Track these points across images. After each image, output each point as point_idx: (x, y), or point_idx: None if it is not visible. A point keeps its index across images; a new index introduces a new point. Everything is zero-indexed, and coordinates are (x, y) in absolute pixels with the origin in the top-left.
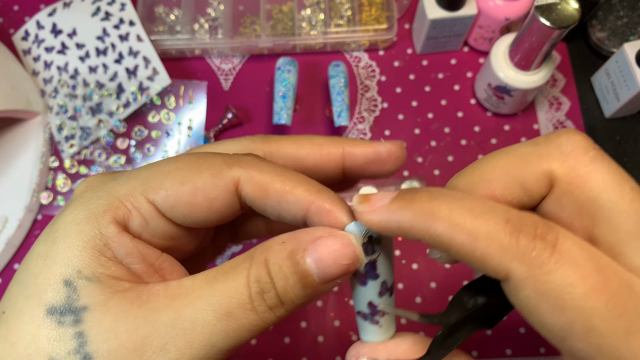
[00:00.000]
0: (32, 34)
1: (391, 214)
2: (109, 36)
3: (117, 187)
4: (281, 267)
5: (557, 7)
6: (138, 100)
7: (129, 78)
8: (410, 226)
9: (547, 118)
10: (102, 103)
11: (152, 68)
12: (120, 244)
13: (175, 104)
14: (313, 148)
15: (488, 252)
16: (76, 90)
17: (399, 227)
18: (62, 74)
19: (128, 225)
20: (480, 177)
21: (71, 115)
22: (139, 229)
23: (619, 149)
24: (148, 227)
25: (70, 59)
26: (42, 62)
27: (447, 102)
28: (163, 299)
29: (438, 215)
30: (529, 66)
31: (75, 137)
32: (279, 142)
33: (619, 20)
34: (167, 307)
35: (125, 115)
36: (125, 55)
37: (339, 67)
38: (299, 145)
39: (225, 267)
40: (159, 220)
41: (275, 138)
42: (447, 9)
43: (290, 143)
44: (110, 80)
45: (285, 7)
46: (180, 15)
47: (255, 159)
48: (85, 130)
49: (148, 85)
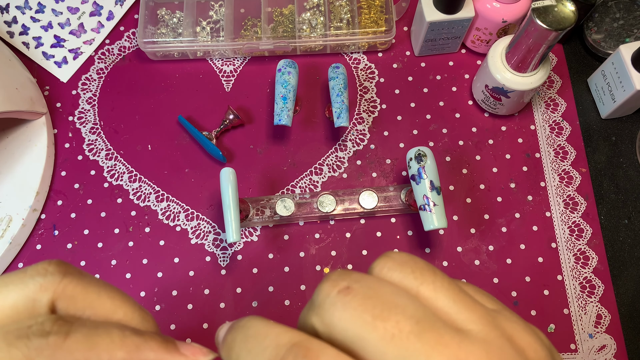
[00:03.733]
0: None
1: (220, 354)
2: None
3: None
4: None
5: (553, 10)
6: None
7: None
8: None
9: (543, 119)
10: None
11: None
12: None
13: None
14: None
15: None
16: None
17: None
18: None
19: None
20: None
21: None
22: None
23: (615, 150)
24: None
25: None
26: None
27: (444, 103)
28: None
29: (231, 358)
30: (525, 68)
31: None
32: (85, 293)
33: (615, 22)
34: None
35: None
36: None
37: (339, 68)
38: (103, 307)
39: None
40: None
41: (79, 286)
42: (444, 11)
43: (96, 297)
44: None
45: (286, 10)
46: (182, 18)
47: (60, 338)
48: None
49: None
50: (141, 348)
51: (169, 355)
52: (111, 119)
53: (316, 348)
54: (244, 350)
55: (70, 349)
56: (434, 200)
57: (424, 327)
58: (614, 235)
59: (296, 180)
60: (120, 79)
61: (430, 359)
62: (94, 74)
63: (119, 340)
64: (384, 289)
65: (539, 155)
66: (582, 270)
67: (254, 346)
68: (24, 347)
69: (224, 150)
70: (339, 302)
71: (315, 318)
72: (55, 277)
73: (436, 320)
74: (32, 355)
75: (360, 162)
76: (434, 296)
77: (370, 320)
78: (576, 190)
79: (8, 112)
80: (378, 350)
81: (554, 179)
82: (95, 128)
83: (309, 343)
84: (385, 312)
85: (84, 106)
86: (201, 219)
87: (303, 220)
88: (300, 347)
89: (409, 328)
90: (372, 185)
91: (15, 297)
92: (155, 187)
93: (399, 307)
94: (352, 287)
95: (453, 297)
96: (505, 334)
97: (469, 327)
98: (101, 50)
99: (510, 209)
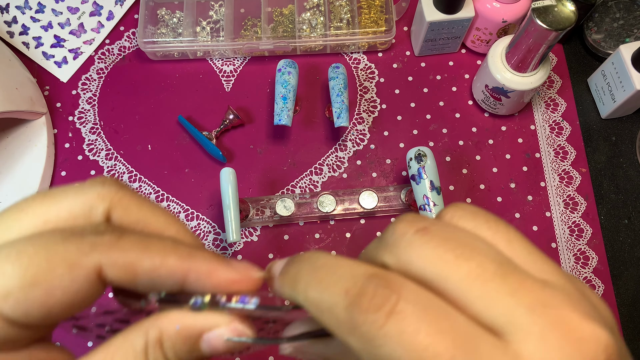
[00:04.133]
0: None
1: (277, 288)
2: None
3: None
4: (176, 352)
5: (553, 9)
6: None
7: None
8: (285, 297)
9: (543, 119)
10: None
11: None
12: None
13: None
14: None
15: (329, 324)
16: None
17: (284, 296)
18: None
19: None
20: None
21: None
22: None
23: (615, 150)
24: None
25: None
26: None
27: (444, 103)
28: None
29: (297, 287)
30: (525, 68)
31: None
32: (139, 206)
33: (615, 22)
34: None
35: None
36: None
37: (339, 68)
38: (156, 221)
39: (120, 348)
40: (9, 329)
41: (135, 199)
42: (445, 11)
43: (150, 215)
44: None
45: (286, 10)
46: (182, 18)
47: (114, 237)
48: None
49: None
50: (194, 257)
51: (221, 267)
52: (111, 119)
53: (396, 280)
54: (314, 280)
55: (124, 248)
56: (434, 200)
57: (506, 271)
58: (614, 236)
59: (296, 180)
60: (120, 79)
61: (516, 300)
62: (94, 74)
63: (171, 247)
64: (461, 233)
65: (539, 155)
66: (582, 271)
67: (326, 276)
68: (78, 242)
69: (224, 150)
70: (417, 242)
71: (388, 256)
72: (112, 187)
73: (516, 266)
74: (86, 250)
75: (360, 162)
76: (509, 246)
77: (452, 259)
78: (576, 190)
79: (8, 112)
80: (460, 288)
81: (554, 179)
82: (95, 128)
83: (388, 275)
84: (467, 252)
85: (84, 106)
86: (201, 219)
87: (303, 220)
88: (379, 278)
89: (493, 269)
90: (372, 185)
91: (72, 203)
92: (155, 187)
93: (481, 250)
94: (430, 228)
95: (528, 248)
96: (579, 288)
97: (546, 277)
98: (101, 50)
99: (510, 209)
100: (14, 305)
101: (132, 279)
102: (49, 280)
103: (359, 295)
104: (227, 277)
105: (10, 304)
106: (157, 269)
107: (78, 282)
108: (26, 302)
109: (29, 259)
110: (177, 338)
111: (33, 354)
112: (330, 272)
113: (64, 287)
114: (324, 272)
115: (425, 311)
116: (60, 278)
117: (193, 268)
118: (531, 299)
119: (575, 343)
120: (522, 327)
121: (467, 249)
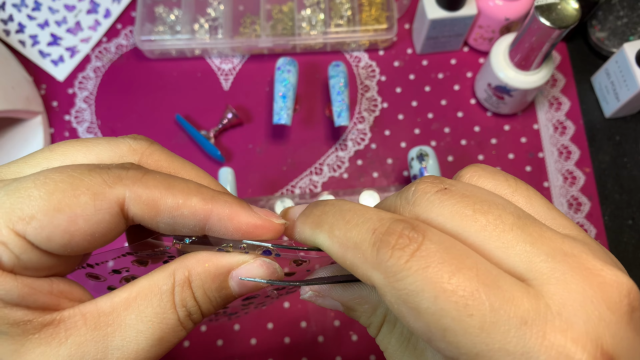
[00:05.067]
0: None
1: (295, 229)
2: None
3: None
4: (205, 291)
5: (557, 7)
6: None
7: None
8: (305, 239)
9: (547, 118)
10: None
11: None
12: (7, 290)
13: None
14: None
15: (354, 262)
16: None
17: (301, 240)
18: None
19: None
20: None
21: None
22: (8, 266)
23: (619, 149)
24: (19, 262)
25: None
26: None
27: (447, 102)
28: (84, 330)
29: (322, 228)
30: (529, 66)
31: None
32: (170, 161)
33: (619, 20)
34: (92, 338)
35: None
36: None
37: (339, 67)
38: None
39: (144, 288)
40: (31, 253)
41: (165, 154)
42: (447, 9)
43: (179, 167)
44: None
45: (285, 7)
46: (180, 15)
47: (139, 173)
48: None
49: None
50: (216, 199)
51: (244, 211)
52: (108, 118)
53: (421, 224)
54: (341, 221)
55: (148, 184)
56: None
57: (525, 223)
58: (618, 236)
59: (296, 180)
60: (118, 77)
61: (536, 249)
62: (90, 72)
63: (195, 188)
64: (480, 191)
65: (543, 155)
66: None
67: (353, 217)
68: (104, 174)
69: (222, 149)
70: (437, 200)
71: (407, 212)
72: (144, 142)
73: (535, 219)
74: (111, 182)
75: (361, 162)
76: (528, 203)
77: (470, 213)
78: (580, 190)
79: (4, 111)
80: (479, 239)
81: (557, 179)
82: (92, 127)
83: (413, 220)
84: (486, 207)
85: (80, 105)
86: None
87: None
88: (406, 222)
89: (512, 221)
90: (373, 186)
91: (103, 150)
92: None
93: (499, 204)
94: (450, 189)
95: (547, 205)
96: (597, 243)
97: (566, 231)
98: (98, 48)
99: None
100: (37, 229)
101: (155, 215)
102: (73, 207)
103: (387, 233)
104: (249, 221)
105: (34, 227)
106: (179, 207)
107: (101, 212)
108: (49, 226)
109: (55, 185)
110: (206, 276)
111: (54, 284)
112: (358, 215)
113: (87, 216)
114: (351, 214)
115: (449, 250)
116: (84, 206)
117: (215, 210)
118: (551, 248)
119: (597, 287)
120: (543, 272)
121: (486, 204)
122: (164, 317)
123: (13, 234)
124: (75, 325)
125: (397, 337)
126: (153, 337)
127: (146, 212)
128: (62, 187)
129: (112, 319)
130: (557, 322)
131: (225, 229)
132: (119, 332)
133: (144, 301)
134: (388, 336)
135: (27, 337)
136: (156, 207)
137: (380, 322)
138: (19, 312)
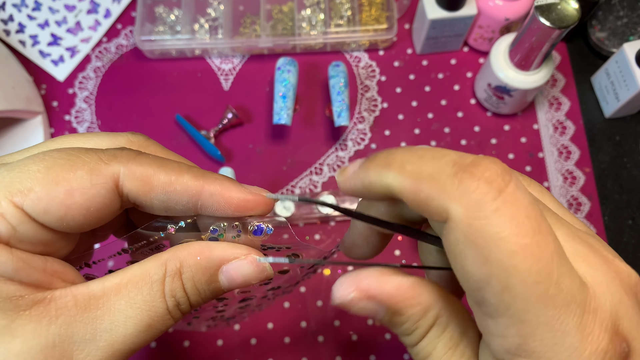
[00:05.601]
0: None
1: (357, 177)
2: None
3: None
4: (195, 283)
5: (557, 7)
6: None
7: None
8: (370, 182)
9: (547, 118)
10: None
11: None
12: (1, 262)
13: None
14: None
15: (430, 193)
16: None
17: (363, 186)
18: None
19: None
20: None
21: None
22: (4, 237)
23: (619, 149)
24: (16, 234)
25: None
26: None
27: (447, 102)
28: (74, 311)
29: (391, 166)
30: (528, 66)
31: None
32: (165, 154)
33: (618, 20)
34: (82, 319)
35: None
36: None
37: (339, 67)
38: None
39: (136, 275)
40: (28, 225)
41: (161, 149)
42: (447, 9)
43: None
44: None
45: (285, 7)
46: (180, 16)
47: (133, 152)
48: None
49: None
50: (207, 177)
51: (234, 187)
52: (108, 118)
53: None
54: (413, 156)
55: (141, 162)
56: None
57: (547, 214)
58: (618, 236)
59: (296, 181)
60: (118, 77)
61: (558, 231)
62: (91, 72)
63: (186, 167)
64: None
65: (542, 155)
66: None
67: (426, 153)
68: (100, 152)
69: (222, 149)
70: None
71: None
72: (141, 137)
73: (553, 211)
74: (106, 159)
75: None
76: (541, 198)
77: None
78: (580, 190)
79: (4, 111)
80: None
81: (557, 179)
82: (92, 127)
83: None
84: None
85: (80, 105)
86: None
87: (303, 222)
88: (493, 158)
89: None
90: None
91: (101, 142)
92: None
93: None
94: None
95: (557, 202)
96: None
97: (576, 227)
98: (98, 48)
99: None
100: (34, 201)
101: (148, 191)
102: (70, 180)
103: (472, 165)
104: (240, 196)
105: (31, 198)
106: (172, 183)
107: (97, 187)
108: (47, 198)
109: (53, 161)
110: (197, 269)
111: (48, 262)
112: (433, 151)
113: (83, 190)
114: (423, 151)
115: (533, 206)
116: (80, 180)
117: (207, 186)
118: (571, 231)
119: (614, 272)
120: (570, 252)
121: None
122: (153, 305)
123: (11, 205)
124: (65, 305)
125: (445, 342)
126: (141, 324)
127: (140, 188)
128: (60, 163)
129: (103, 302)
130: (593, 304)
131: (217, 204)
132: (108, 315)
133: (134, 288)
134: (434, 341)
135: (18, 312)
136: (150, 184)
137: (429, 325)
138: (12, 286)
